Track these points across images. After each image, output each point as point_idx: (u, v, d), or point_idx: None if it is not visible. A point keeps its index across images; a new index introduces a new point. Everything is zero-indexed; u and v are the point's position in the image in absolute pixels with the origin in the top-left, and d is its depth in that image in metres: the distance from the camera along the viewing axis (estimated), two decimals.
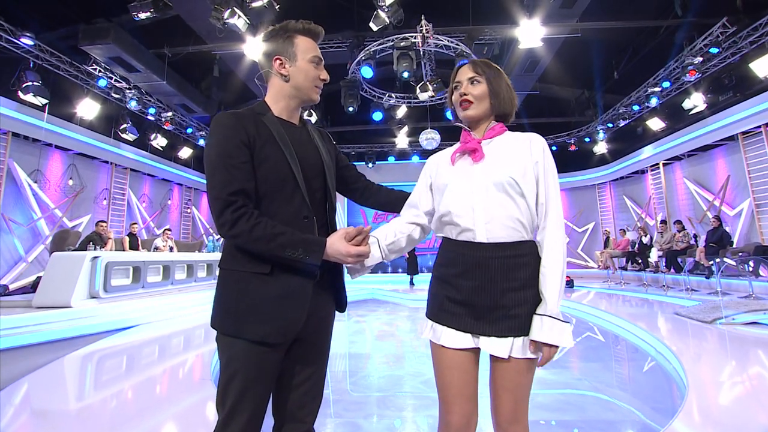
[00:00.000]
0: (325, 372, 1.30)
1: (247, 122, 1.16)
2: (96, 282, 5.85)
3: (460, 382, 1.15)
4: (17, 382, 3.06)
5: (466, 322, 1.16)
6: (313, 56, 1.25)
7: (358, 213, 14.60)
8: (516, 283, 1.14)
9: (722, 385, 2.86)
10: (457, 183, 1.23)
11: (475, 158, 1.23)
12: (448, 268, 1.22)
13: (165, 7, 6.84)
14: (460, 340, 1.16)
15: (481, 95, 1.26)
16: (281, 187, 1.16)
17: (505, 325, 1.13)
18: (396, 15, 7.04)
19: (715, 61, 7.98)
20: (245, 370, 1.11)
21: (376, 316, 7.04)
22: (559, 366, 3.81)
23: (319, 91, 1.30)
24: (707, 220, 9.02)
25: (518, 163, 1.18)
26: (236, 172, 1.10)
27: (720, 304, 5.09)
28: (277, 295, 1.12)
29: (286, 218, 1.15)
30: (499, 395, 1.15)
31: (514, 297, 1.14)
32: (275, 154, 1.16)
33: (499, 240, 1.16)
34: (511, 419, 1.13)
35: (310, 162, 1.25)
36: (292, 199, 1.16)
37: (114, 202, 10.27)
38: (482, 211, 1.17)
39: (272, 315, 1.11)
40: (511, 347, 1.12)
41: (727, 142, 8.93)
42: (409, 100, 10.62)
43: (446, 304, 1.20)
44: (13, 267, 7.80)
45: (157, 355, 4.26)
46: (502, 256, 1.15)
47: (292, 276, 1.14)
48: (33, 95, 7.53)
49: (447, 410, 1.15)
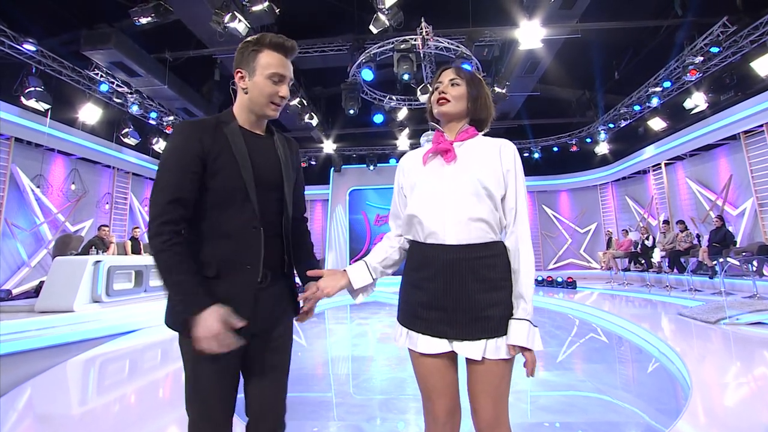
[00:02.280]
0: (287, 367, 1.33)
1: (206, 132, 1.18)
2: (98, 286, 5.87)
3: (441, 384, 1.18)
4: (20, 387, 3.07)
5: (440, 327, 1.16)
6: (272, 72, 1.23)
7: (360, 214, 14.60)
8: (486, 284, 1.15)
9: (727, 386, 2.84)
10: (427, 184, 1.24)
11: (447, 159, 1.24)
12: (418, 272, 1.22)
13: (166, 12, 6.87)
14: (436, 345, 1.17)
15: (459, 96, 1.28)
16: (232, 198, 1.18)
17: (478, 327, 1.13)
18: (396, 17, 7.06)
19: (715, 61, 7.97)
20: (202, 370, 1.16)
21: (378, 319, 7.02)
22: (563, 368, 3.79)
23: (276, 107, 1.28)
24: (710, 220, 8.99)
25: (489, 167, 1.20)
26: (180, 182, 1.13)
27: (724, 305, 5.07)
28: (220, 299, 1.13)
29: (236, 228, 1.19)
30: (477, 399, 1.14)
31: (485, 298, 1.14)
32: (229, 165, 1.18)
33: (468, 242, 1.16)
34: (493, 423, 1.13)
35: (267, 173, 1.26)
36: (242, 209, 1.19)
37: (116, 206, 10.30)
38: (452, 213, 1.17)
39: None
40: (484, 349, 1.12)
41: (729, 141, 8.91)
42: (409, 102, 10.63)
43: (419, 311, 1.20)
44: (16, 272, 7.83)
45: (160, 359, 4.27)
46: (471, 258, 1.16)
47: (235, 280, 1.18)
48: (35, 100, 7.58)
49: (431, 405, 1.19)
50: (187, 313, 1.09)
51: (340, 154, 14.09)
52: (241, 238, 1.19)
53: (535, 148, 13.30)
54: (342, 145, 13.75)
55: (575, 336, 5.30)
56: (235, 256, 1.18)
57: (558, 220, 14.06)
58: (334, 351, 4.85)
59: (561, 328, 5.81)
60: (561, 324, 6.12)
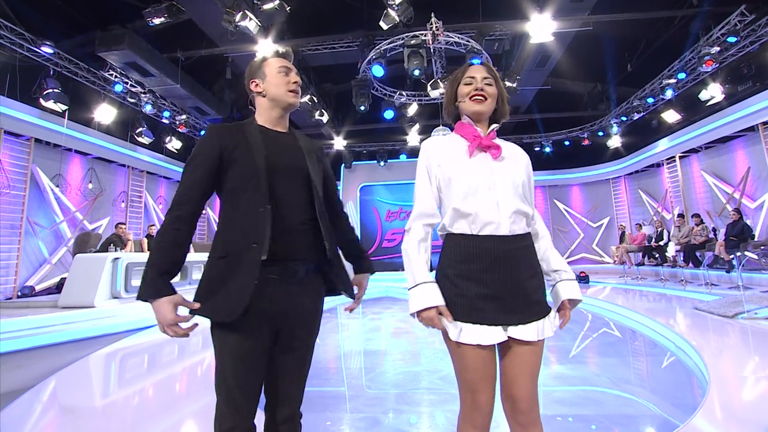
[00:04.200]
0: (309, 362, 1.40)
1: (227, 133, 1.34)
2: (117, 282, 6.00)
3: (487, 375, 1.20)
4: (46, 380, 3.17)
5: (497, 316, 1.19)
6: (279, 67, 1.42)
7: (371, 210, 14.63)
8: (532, 270, 1.26)
9: (745, 380, 2.82)
10: (479, 177, 1.26)
11: (495, 156, 1.30)
12: (470, 264, 1.22)
13: (178, 12, 6.97)
14: (492, 335, 1.18)
15: (493, 95, 1.35)
16: (246, 184, 1.29)
17: (532, 311, 1.21)
18: (406, 13, 7.04)
19: (733, 51, 7.80)
20: (227, 359, 1.24)
21: (391, 314, 7.07)
22: (577, 361, 3.79)
23: (295, 94, 1.43)
24: (726, 213, 8.83)
25: (523, 165, 1.34)
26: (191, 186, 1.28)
27: (741, 299, 5.00)
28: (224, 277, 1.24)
29: (246, 210, 1.28)
30: (518, 381, 1.20)
31: (533, 284, 1.24)
32: (243, 155, 1.30)
33: (518, 232, 1.25)
34: (533, 402, 1.20)
35: (287, 161, 1.37)
36: (254, 194, 1.28)
37: (132, 204, 10.49)
38: (506, 205, 1.24)
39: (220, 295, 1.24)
40: (537, 331, 1.20)
41: (746, 132, 8.71)
42: (420, 98, 10.60)
43: (477, 302, 1.19)
44: (38, 269, 8.04)
45: (177, 354, 4.36)
46: (521, 246, 1.25)
47: (240, 258, 1.25)
48: (53, 102, 7.74)
49: (476, 397, 1.19)
50: (142, 298, 1.19)
51: (351, 151, 14.12)
52: (250, 219, 1.26)
53: (547, 142, 13.16)
54: (352, 141, 13.77)
55: (588, 330, 5.28)
56: (242, 235, 1.26)
57: (570, 215, 13.92)
58: (348, 345, 4.90)
59: (574, 322, 5.78)
60: (574, 318, 6.04)
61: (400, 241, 5.70)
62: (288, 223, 1.30)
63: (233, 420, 1.22)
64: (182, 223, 1.26)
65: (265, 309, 1.25)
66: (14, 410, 2.56)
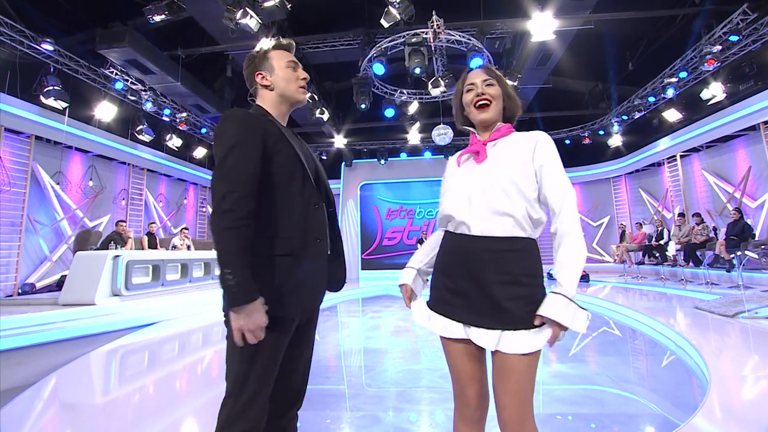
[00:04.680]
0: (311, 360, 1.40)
1: (260, 122, 1.27)
2: (118, 280, 6.01)
3: (468, 370, 1.22)
4: (46, 377, 3.17)
5: (459, 312, 1.21)
6: (288, 61, 1.39)
7: (371, 209, 14.63)
8: (507, 277, 1.15)
9: (745, 380, 2.82)
10: (458, 182, 1.30)
11: (477, 160, 1.28)
12: (446, 259, 1.29)
13: (179, 10, 6.95)
14: (452, 329, 1.21)
15: (497, 95, 1.32)
16: (292, 178, 1.25)
17: (495, 317, 1.14)
18: (407, 11, 7.02)
19: (735, 49, 7.77)
20: (264, 356, 1.17)
21: (390, 312, 7.07)
22: (577, 360, 3.79)
23: (304, 90, 1.41)
24: (727, 213, 8.82)
25: (520, 163, 1.21)
26: (251, 176, 1.17)
27: (742, 298, 5.00)
28: (300, 275, 1.21)
29: (300, 205, 1.24)
30: (500, 397, 1.15)
31: (504, 290, 1.14)
32: (286, 148, 1.27)
33: (492, 234, 1.18)
34: (515, 423, 1.12)
35: (308, 157, 1.36)
36: (303, 188, 1.26)
37: (132, 202, 10.49)
38: (478, 206, 1.21)
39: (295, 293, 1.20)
40: (498, 340, 1.13)
41: (748, 132, 8.70)
42: (420, 96, 10.58)
43: (444, 294, 1.26)
44: (39, 266, 8.05)
45: (177, 352, 4.37)
46: (494, 249, 1.17)
47: (312, 254, 1.24)
48: (54, 99, 7.73)
49: (462, 392, 1.23)
50: (241, 302, 1.07)
51: (351, 149, 14.11)
52: (308, 215, 1.25)
53: None
54: (353, 139, 13.76)
55: (588, 329, 5.25)
56: (303, 231, 1.24)
57: None
58: (348, 344, 4.91)
59: None
60: None
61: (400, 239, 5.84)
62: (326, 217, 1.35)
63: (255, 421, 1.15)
64: (251, 217, 1.15)
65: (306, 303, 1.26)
66: (15, 407, 2.56)
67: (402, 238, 14.43)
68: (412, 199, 14.65)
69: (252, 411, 1.15)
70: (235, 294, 1.07)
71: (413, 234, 14.14)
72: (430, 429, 2.40)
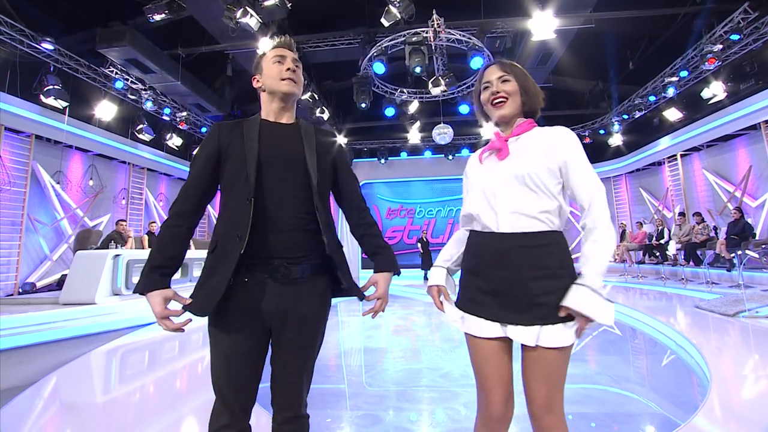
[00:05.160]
0: (309, 364, 1.33)
1: (226, 129, 1.34)
2: (118, 279, 6.01)
3: (496, 370, 1.20)
4: (47, 377, 3.17)
5: (494, 311, 1.19)
6: (273, 56, 1.40)
7: (371, 208, 14.53)
8: (543, 271, 1.16)
9: (746, 379, 2.81)
10: (482, 179, 1.29)
11: (500, 156, 1.28)
12: (476, 259, 1.27)
13: (178, 8, 6.94)
14: (488, 329, 1.20)
15: (513, 91, 1.30)
16: (237, 179, 1.27)
17: (532, 313, 1.15)
18: (407, 10, 7.01)
19: (735, 48, 7.76)
20: (215, 357, 1.25)
21: (391, 311, 7.07)
22: (577, 359, 3.79)
23: (288, 82, 1.38)
24: (727, 212, 8.81)
25: (542, 159, 1.21)
26: (190, 182, 1.31)
27: (743, 297, 4.99)
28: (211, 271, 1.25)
29: (233, 204, 1.27)
30: (530, 385, 1.17)
31: (540, 285, 1.15)
32: (237, 150, 1.29)
33: (521, 230, 1.19)
34: (545, 409, 1.15)
35: (284, 155, 1.33)
36: (243, 188, 1.26)
37: (132, 201, 10.49)
38: (504, 203, 1.21)
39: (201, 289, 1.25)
40: (538, 336, 1.13)
41: (748, 131, 8.69)
42: (421, 95, 10.57)
43: (476, 295, 1.24)
44: (39, 265, 8.05)
45: (178, 351, 4.37)
46: (526, 245, 1.18)
47: (224, 251, 1.24)
48: (54, 98, 7.72)
49: (487, 395, 1.21)
50: (137, 291, 1.21)
51: (351, 148, 14.10)
52: (236, 212, 1.25)
53: None
54: (353, 138, 13.75)
55: (589, 328, 5.27)
56: (229, 229, 1.25)
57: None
58: (348, 343, 4.90)
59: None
60: None
61: (401, 238, 5.83)
62: (276, 217, 1.25)
63: (227, 418, 1.22)
64: (181, 218, 1.27)
65: (255, 308, 1.22)
66: (15, 407, 2.56)
67: (402, 237, 14.44)
68: (413, 199, 14.66)
69: (224, 408, 1.23)
70: (136, 284, 1.22)
71: (413, 233, 14.14)
72: (430, 428, 2.40)
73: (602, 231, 1.16)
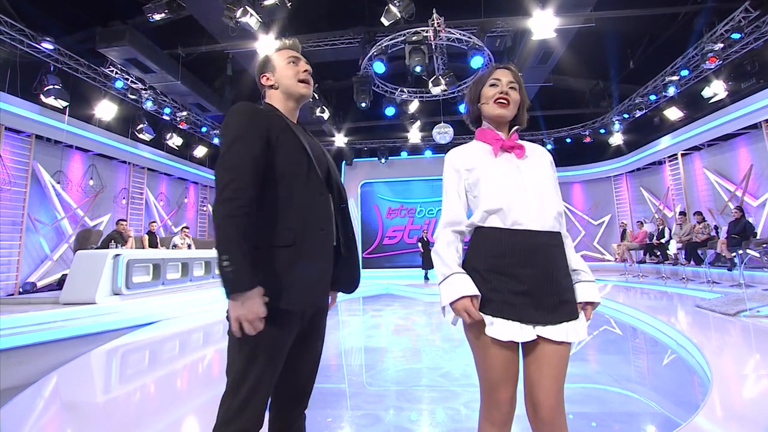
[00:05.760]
0: (320, 358, 1.37)
1: (266, 115, 1.28)
2: (118, 279, 6.01)
3: (508, 374, 1.18)
4: (47, 377, 3.17)
5: (529, 313, 1.16)
6: (287, 56, 1.40)
7: (371, 208, 14.63)
8: (563, 270, 1.24)
9: (747, 379, 2.81)
10: (506, 174, 1.26)
11: (519, 155, 1.30)
12: (502, 258, 1.19)
13: (178, 8, 6.93)
14: (523, 332, 1.15)
15: (515, 101, 1.34)
16: (298, 169, 1.25)
17: (563, 311, 1.19)
18: (407, 9, 7.00)
19: (736, 47, 7.74)
20: (262, 352, 1.13)
21: (391, 311, 7.07)
22: (579, 359, 3.78)
23: (306, 84, 1.40)
24: (728, 211, 8.79)
25: (549, 164, 1.35)
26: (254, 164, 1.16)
27: (744, 297, 4.99)
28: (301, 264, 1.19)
29: (305, 197, 1.24)
30: (542, 384, 1.15)
31: (565, 283, 1.22)
32: (291, 140, 1.27)
33: (549, 229, 1.22)
34: (555, 410, 1.14)
35: (316, 151, 1.36)
36: (308, 179, 1.25)
37: (132, 201, 10.49)
38: (536, 201, 1.23)
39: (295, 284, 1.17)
40: (566, 332, 1.17)
41: (749, 130, 8.68)
42: (421, 95, 10.56)
43: (507, 297, 1.16)
44: (40, 265, 8.05)
45: (178, 350, 4.37)
46: (553, 244, 1.23)
47: (314, 243, 1.22)
48: (54, 98, 7.71)
49: (496, 395, 1.18)
50: (238, 290, 1.06)
51: (352, 148, 14.10)
52: (312, 206, 1.24)
53: (548, 140, 13.12)
54: (353, 138, 13.75)
55: (590, 327, 5.23)
56: (306, 222, 1.22)
57: (571, 212, 13.90)
58: (349, 342, 4.90)
59: None
60: None
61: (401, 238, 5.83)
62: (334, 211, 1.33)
63: (250, 421, 1.12)
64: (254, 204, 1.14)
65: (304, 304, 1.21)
66: (15, 407, 2.56)
67: (403, 237, 14.43)
68: (413, 198, 14.65)
69: (249, 409, 1.11)
70: (232, 282, 1.06)
71: (414, 233, 14.13)
72: (430, 428, 2.40)
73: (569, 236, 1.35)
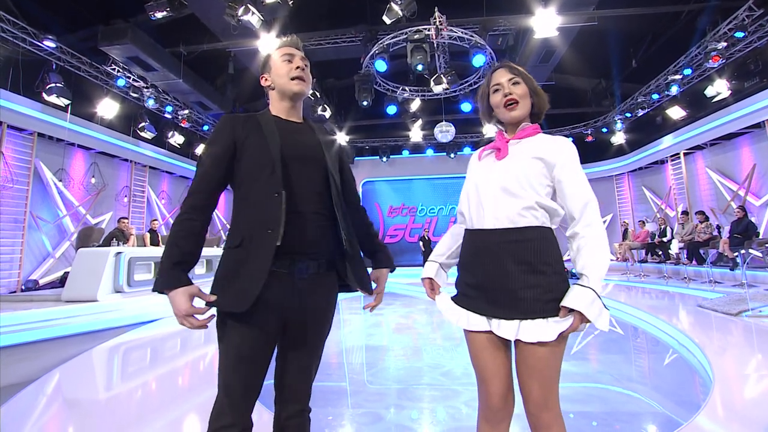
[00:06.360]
0: (319, 358, 1.37)
1: (240, 122, 1.31)
2: (120, 277, 6.02)
3: (492, 362, 1.22)
4: (49, 374, 3.18)
5: (481, 305, 1.23)
6: (282, 55, 1.39)
7: (373, 206, 14.62)
8: (525, 266, 1.17)
9: (749, 378, 2.80)
10: (475, 176, 1.32)
11: (498, 156, 1.30)
12: (465, 255, 1.33)
13: (180, 6, 6.94)
14: (476, 322, 1.24)
15: (524, 94, 1.32)
16: (260, 172, 1.25)
17: (513, 307, 1.16)
18: (409, 7, 6.99)
19: (740, 46, 7.72)
20: (231, 350, 1.21)
21: (392, 309, 7.07)
22: (580, 358, 3.78)
23: (298, 81, 1.39)
24: (731, 211, 8.77)
25: (537, 163, 1.23)
26: (203, 176, 1.27)
27: (746, 296, 4.97)
28: (240, 265, 1.21)
29: (260, 197, 1.25)
30: (524, 382, 1.18)
31: (521, 280, 1.16)
32: (257, 143, 1.28)
33: (505, 226, 1.20)
34: (541, 405, 1.16)
35: (305, 152, 1.34)
36: (269, 181, 1.24)
37: (134, 199, 10.51)
38: (489, 200, 1.23)
39: (232, 285, 1.21)
40: (517, 330, 1.15)
41: (752, 129, 8.65)
42: (423, 93, 10.55)
43: (465, 289, 1.29)
44: (42, 263, 8.08)
45: (179, 348, 4.38)
46: (510, 241, 1.19)
47: (257, 244, 1.21)
48: (56, 96, 7.73)
49: (485, 388, 1.23)
50: (157, 290, 1.17)
51: (353, 146, 14.10)
52: (264, 205, 1.23)
53: None
54: (355, 137, 13.75)
55: (591, 327, 5.26)
56: (256, 223, 1.23)
57: None
58: (350, 341, 4.90)
59: None
60: None
61: (402, 237, 5.82)
62: (301, 211, 1.26)
63: (231, 417, 1.18)
64: (196, 212, 1.24)
65: (272, 303, 1.21)
66: (17, 404, 2.57)
67: (404, 235, 14.43)
68: (414, 197, 14.64)
69: (228, 405, 1.19)
70: (156, 282, 1.17)
71: (415, 231, 14.13)
72: (431, 426, 2.40)
73: (601, 239, 1.19)
